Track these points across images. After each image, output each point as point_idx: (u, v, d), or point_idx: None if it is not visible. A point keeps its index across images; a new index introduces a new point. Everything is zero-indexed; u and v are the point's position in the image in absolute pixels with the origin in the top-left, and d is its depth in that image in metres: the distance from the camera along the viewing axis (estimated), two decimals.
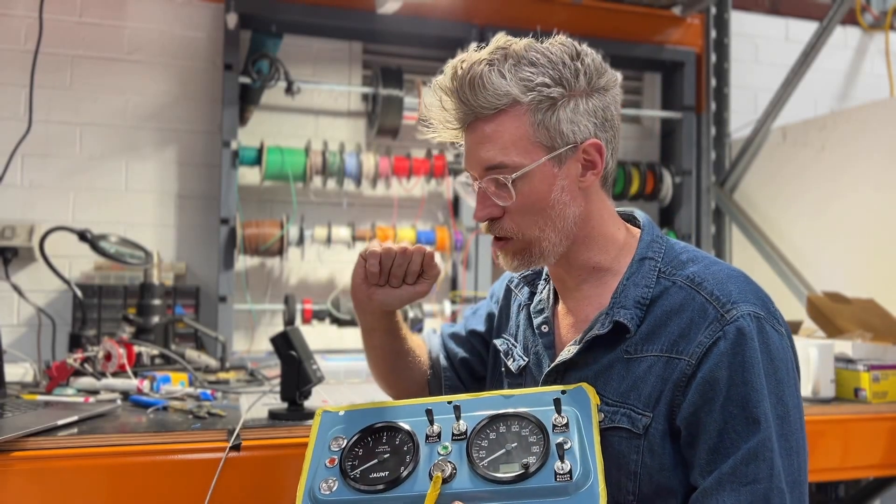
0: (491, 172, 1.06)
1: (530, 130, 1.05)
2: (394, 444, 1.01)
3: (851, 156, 2.63)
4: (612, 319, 1.05)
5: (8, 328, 2.57)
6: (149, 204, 2.79)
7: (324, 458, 1.03)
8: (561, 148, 1.06)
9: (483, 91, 1.03)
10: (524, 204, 1.07)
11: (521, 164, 1.05)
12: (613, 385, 1.05)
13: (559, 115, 1.05)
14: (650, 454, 1.01)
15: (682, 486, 1.01)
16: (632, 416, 1.02)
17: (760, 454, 0.94)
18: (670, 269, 1.08)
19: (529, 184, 1.06)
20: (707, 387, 0.97)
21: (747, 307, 1.00)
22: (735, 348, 0.97)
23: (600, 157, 1.09)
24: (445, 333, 1.40)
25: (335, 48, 2.99)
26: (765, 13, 3.56)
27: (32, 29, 2.60)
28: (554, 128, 1.05)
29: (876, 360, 1.82)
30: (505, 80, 1.03)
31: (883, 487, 2.12)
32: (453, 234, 2.87)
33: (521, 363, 1.20)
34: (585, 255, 1.12)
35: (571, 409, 0.99)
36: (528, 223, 1.08)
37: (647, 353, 1.03)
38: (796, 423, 0.99)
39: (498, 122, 1.05)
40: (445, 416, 1.02)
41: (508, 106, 1.04)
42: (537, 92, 1.04)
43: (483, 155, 1.06)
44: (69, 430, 1.31)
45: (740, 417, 0.95)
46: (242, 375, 2.00)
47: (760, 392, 0.96)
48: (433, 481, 0.94)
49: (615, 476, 1.02)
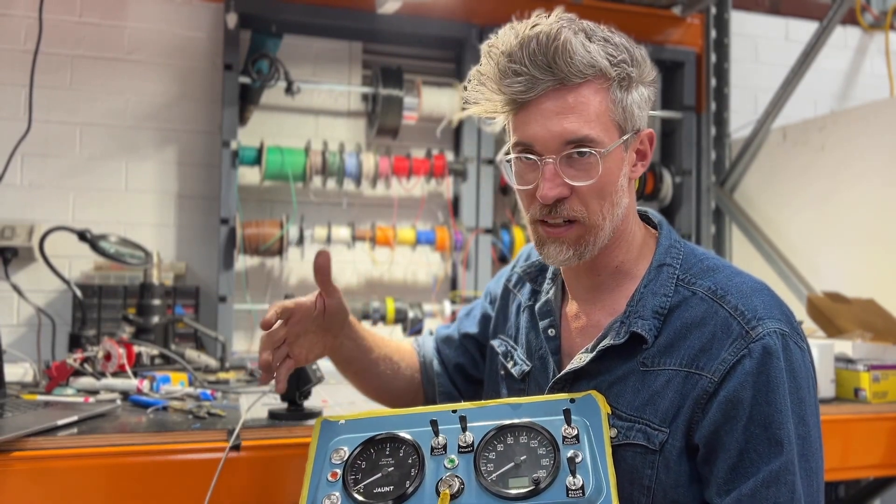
0: (573, 146, 0.98)
1: (611, 107, 0.99)
2: (398, 457, 0.98)
3: (851, 156, 2.63)
4: (629, 329, 1.01)
5: (8, 328, 2.57)
6: (149, 204, 2.79)
7: (325, 471, 0.99)
8: (629, 132, 1.01)
9: (573, 57, 0.95)
10: (598, 185, 0.99)
11: (604, 141, 0.98)
12: (628, 397, 1.01)
13: (633, 97, 1.01)
14: (665, 470, 0.97)
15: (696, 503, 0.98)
16: (647, 431, 0.98)
17: (782, 477, 0.92)
18: (689, 278, 1.03)
19: (606, 164, 0.98)
20: (730, 406, 0.94)
21: (773, 324, 0.96)
22: (760, 367, 0.94)
23: (650, 148, 1.06)
24: (439, 337, 1.36)
25: (335, 48, 2.99)
26: (765, 13, 3.55)
27: (32, 29, 2.60)
28: (629, 109, 1.00)
29: (876, 360, 1.82)
30: (589, 52, 0.96)
31: (883, 487, 2.12)
32: (453, 234, 2.87)
33: (525, 368, 1.15)
34: (613, 253, 1.07)
35: (581, 420, 0.96)
36: (595, 207, 1.00)
37: (665, 366, 0.99)
38: (816, 443, 0.97)
39: (581, 93, 0.97)
40: (451, 427, 0.99)
41: (594, 77, 0.97)
42: (621, 68, 0.98)
43: (566, 126, 0.97)
44: (69, 430, 1.31)
45: (763, 438, 0.93)
46: (242, 375, 2.00)
47: (784, 413, 0.93)
48: (441, 498, 0.91)
49: (628, 490, 0.98)
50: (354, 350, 1.24)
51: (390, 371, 1.29)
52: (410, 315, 2.76)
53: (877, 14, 3.55)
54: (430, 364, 1.33)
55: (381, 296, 2.87)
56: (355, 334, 1.23)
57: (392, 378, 1.29)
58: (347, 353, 1.24)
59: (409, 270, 3.05)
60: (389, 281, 3.02)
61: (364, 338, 1.25)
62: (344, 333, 1.21)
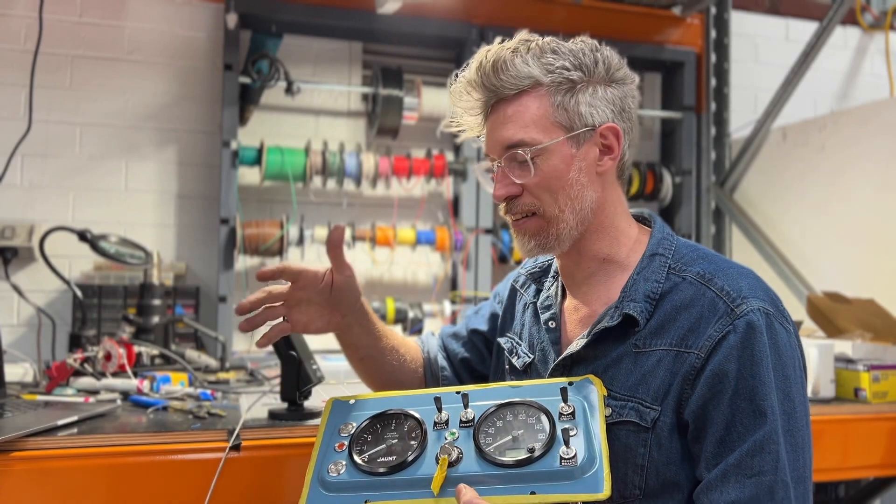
0: (510, 150, 1.09)
1: (550, 111, 1.08)
2: (402, 431, 1.04)
3: (851, 156, 2.63)
4: (622, 312, 1.06)
5: (8, 328, 2.57)
6: (149, 204, 2.79)
7: (333, 442, 1.05)
8: (579, 129, 1.09)
9: (506, 72, 1.08)
10: (542, 180, 1.09)
11: (540, 141, 1.08)
12: (621, 378, 1.05)
13: (578, 98, 1.09)
14: (658, 448, 1.01)
15: (689, 481, 1.01)
16: (640, 409, 1.02)
17: (766, 447, 0.95)
18: (680, 266, 1.09)
19: (548, 161, 1.08)
20: (716, 380, 0.98)
21: (757, 303, 1.01)
22: (744, 342, 0.98)
23: (617, 142, 1.11)
24: (445, 334, 1.40)
25: (335, 48, 2.99)
26: (765, 13, 3.56)
27: (32, 29, 2.60)
28: (573, 109, 1.08)
29: (876, 360, 1.82)
30: (528, 64, 1.08)
31: (883, 487, 2.12)
32: (453, 234, 2.87)
33: (527, 360, 1.20)
34: (597, 245, 1.13)
35: (578, 399, 1.01)
36: (548, 200, 1.10)
37: (656, 347, 1.04)
38: (802, 421, 0.99)
39: (519, 102, 1.09)
40: (454, 405, 1.04)
41: (530, 87, 1.08)
42: (557, 74, 1.08)
43: (504, 134, 1.09)
44: (69, 430, 1.31)
45: (748, 410, 0.96)
46: (242, 375, 2.00)
47: (768, 385, 0.96)
48: (440, 464, 0.96)
49: (622, 469, 1.02)
50: (363, 335, 1.26)
51: (396, 362, 1.31)
52: (410, 315, 2.76)
53: (877, 14, 3.56)
54: (434, 359, 1.36)
55: (381, 296, 2.87)
56: (366, 320, 1.26)
57: (396, 370, 1.31)
58: (355, 338, 1.26)
59: (409, 270, 3.06)
60: (389, 281, 3.02)
61: (374, 324, 1.27)
62: (354, 316, 1.24)
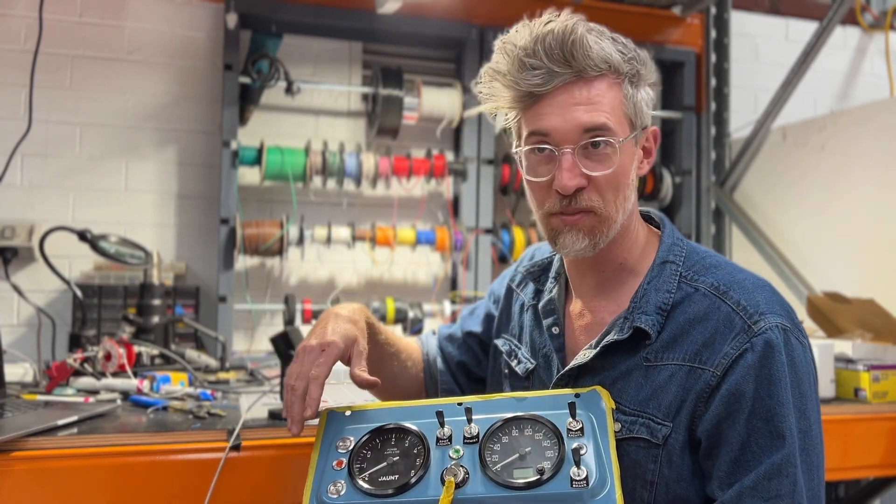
0: (590, 135, 0.99)
1: (624, 101, 1.02)
2: (403, 447, 0.98)
3: (851, 156, 2.63)
4: (632, 325, 1.02)
5: (8, 328, 2.57)
6: (149, 204, 2.79)
7: (331, 459, 1.00)
8: (638, 128, 1.04)
9: (589, 51, 0.98)
10: (614, 177, 1.01)
11: (619, 132, 1.00)
12: (631, 392, 1.01)
13: (641, 94, 1.04)
14: (668, 464, 0.98)
15: (699, 497, 0.99)
16: (651, 425, 0.99)
17: (784, 469, 0.92)
18: (692, 275, 1.04)
19: (621, 156, 1.01)
20: (732, 399, 0.95)
21: (775, 319, 0.97)
22: (762, 361, 0.95)
23: (655, 148, 1.08)
24: (442, 335, 1.37)
25: (335, 48, 2.99)
26: (765, 13, 3.55)
27: (32, 29, 2.60)
28: (638, 105, 1.03)
29: (876, 360, 1.82)
30: (604, 47, 1.00)
31: (883, 487, 2.12)
32: (453, 234, 2.87)
33: (529, 366, 1.16)
34: (617, 250, 1.08)
35: (586, 414, 0.97)
36: (611, 198, 1.02)
37: (668, 361, 1.00)
38: (817, 437, 0.97)
39: (596, 86, 1.00)
40: (456, 419, 1.00)
41: (608, 72, 1.00)
42: (632, 64, 1.02)
43: (584, 116, 0.98)
44: (69, 430, 1.31)
45: (765, 431, 0.93)
46: (242, 375, 2.00)
47: (786, 406, 0.94)
48: (446, 486, 0.91)
49: (631, 485, 0.99)
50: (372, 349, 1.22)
51: (398, 368, 1.29)
52: (410, 315, 2.76)
53: (877, 14, 3.55)
54: (433, 361, 1.33)
55: (381, 296, 2.87)
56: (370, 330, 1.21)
57: (398, 374, 1.30)
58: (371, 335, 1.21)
59: (409, 270, 3.05)
60: (389, 281, 3.02)
61: (378, 333, 1.24)
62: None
